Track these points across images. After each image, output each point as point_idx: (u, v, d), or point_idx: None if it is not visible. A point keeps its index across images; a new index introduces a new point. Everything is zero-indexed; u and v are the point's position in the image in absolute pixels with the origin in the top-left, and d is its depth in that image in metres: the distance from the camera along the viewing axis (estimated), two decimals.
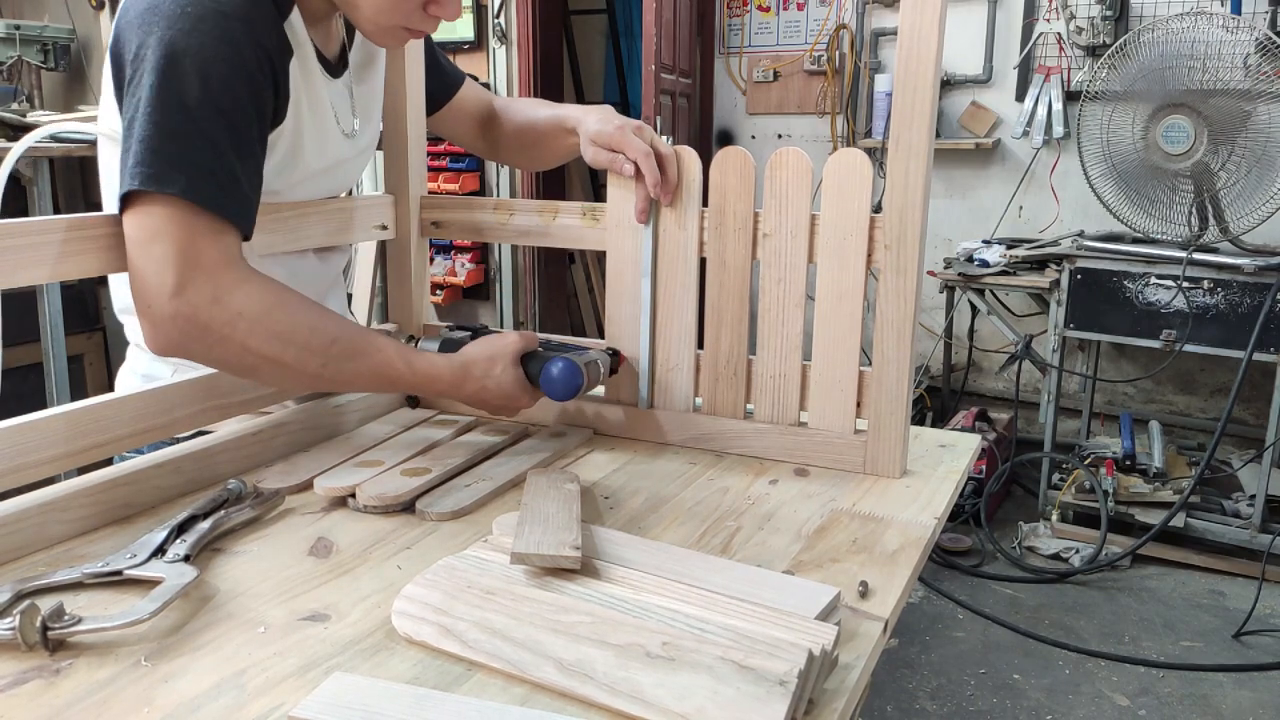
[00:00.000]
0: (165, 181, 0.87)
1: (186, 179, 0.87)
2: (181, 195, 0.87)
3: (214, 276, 0.89)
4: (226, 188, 0.90)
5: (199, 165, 0.88)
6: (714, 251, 1.11)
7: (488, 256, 4.75)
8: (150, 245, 0.88)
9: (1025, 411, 3.77)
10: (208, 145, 0.89)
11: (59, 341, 2.81)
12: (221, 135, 0.90)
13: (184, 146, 0.88)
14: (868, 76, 4.07)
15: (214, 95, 0.89)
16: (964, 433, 1.24)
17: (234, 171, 0.91)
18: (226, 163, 0.91)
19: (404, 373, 0.99)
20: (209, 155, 0.89)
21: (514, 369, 1.03)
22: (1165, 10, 3.43)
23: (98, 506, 0.90)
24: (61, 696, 0.64)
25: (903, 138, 0.98)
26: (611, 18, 5.54)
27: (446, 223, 1.28)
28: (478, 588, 0.74)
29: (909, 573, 0.84)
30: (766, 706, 0.59)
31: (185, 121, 0.88)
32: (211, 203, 0.89)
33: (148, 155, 0.87)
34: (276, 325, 0.91)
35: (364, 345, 0.97)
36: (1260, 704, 2.39)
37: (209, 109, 0.89)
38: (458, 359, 1.02)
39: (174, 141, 0.88)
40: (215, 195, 0.89)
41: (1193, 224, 2.95)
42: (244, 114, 0.93)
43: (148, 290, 0.88)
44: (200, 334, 0.89)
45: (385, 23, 1.01)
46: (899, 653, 2.62)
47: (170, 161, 0.87)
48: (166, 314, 0.88)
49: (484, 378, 1.02)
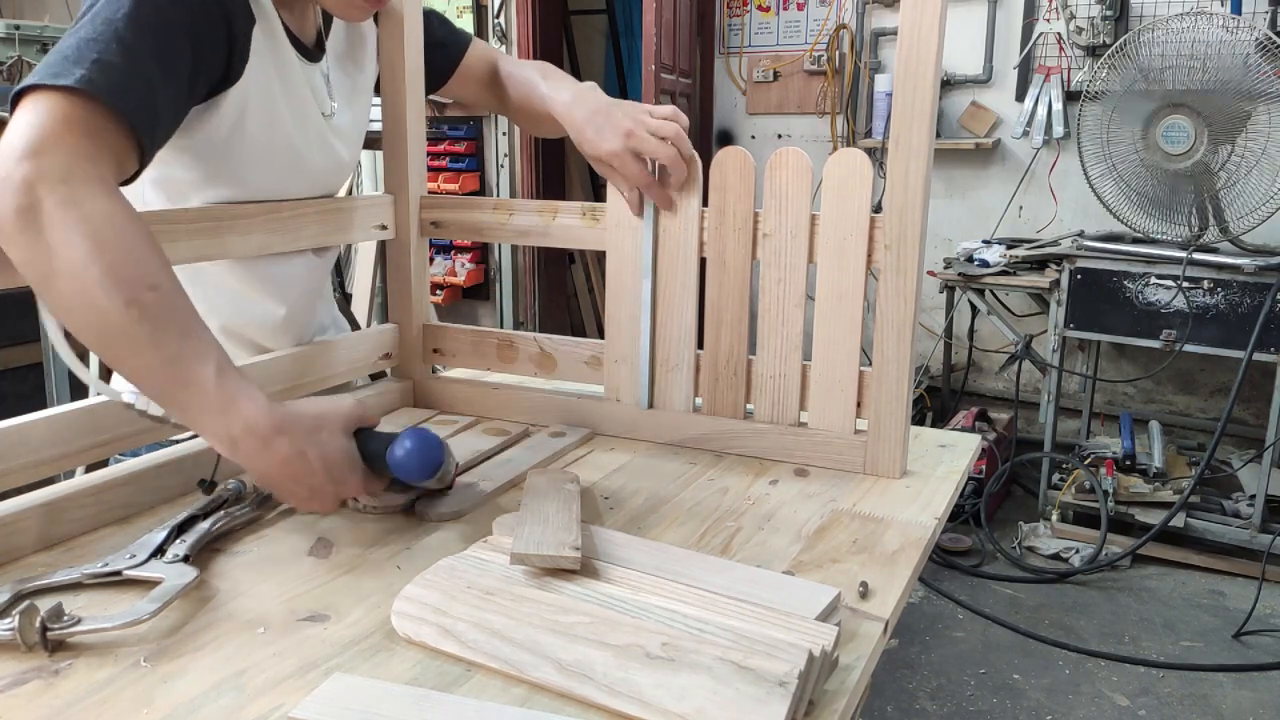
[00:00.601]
0: (63, 75, 0.78)
1: (86, 71, 0.79)
2: (77, 85, 0.78)
3: (76, 159, 0.77)
4: (130, 87, 0.82)
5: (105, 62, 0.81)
6: (714, 251, 1.11)
7: (488, 256, 4.76)
8: (28, 114, 0.77)
9: (1025, 411, 3.77)
10: (122, 49, 0.82)
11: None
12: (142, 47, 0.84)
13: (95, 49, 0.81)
14: (868, 76, 4.07)
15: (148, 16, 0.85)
16: (964, 433, 1.24)
17: (146, 80, 0.84)
18: (138, 66, 0.83)
19: (206, 382, 0.78)
20: (119, 56, 0.82)
21: (344, 439, 0.83)
22: (1165, 10, 3.43)
23: (98, 506, 0.90)
24: (61, 697, 0.64)
25: (903, 138, 0.98)
26: (611, 18, 5.54)
27: (446, 223, 1.28)
28: (477, 588, 0.74)
29: (909, 573, 0.84)
30: (766, 707, 0.59)
31: (105, 28, 0.83)
32: (109, 94, 0.79)
33: (55, 59, 0.80)
34: (106, 235, 0.76)
35: (185, 319, 0.79)
36: (1260, 704, 2.39)
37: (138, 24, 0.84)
38: (280, 406, 0.80)
39: (87, 47, 0.81)
40: (108, 87, 0.80)
41: (1193, 224, 2.95)
42: (175, 41, 0.88)
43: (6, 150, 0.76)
44: (25, 210, 0.74)
45: None
46: (899, 653, 2.62)
47: (77, 62, 0.80)
48: (14, 179, 0.74)
49: (305, 439, 0.79)
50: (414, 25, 1.22)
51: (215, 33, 0.95)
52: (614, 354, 1.19)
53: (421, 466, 0.84)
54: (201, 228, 1.00)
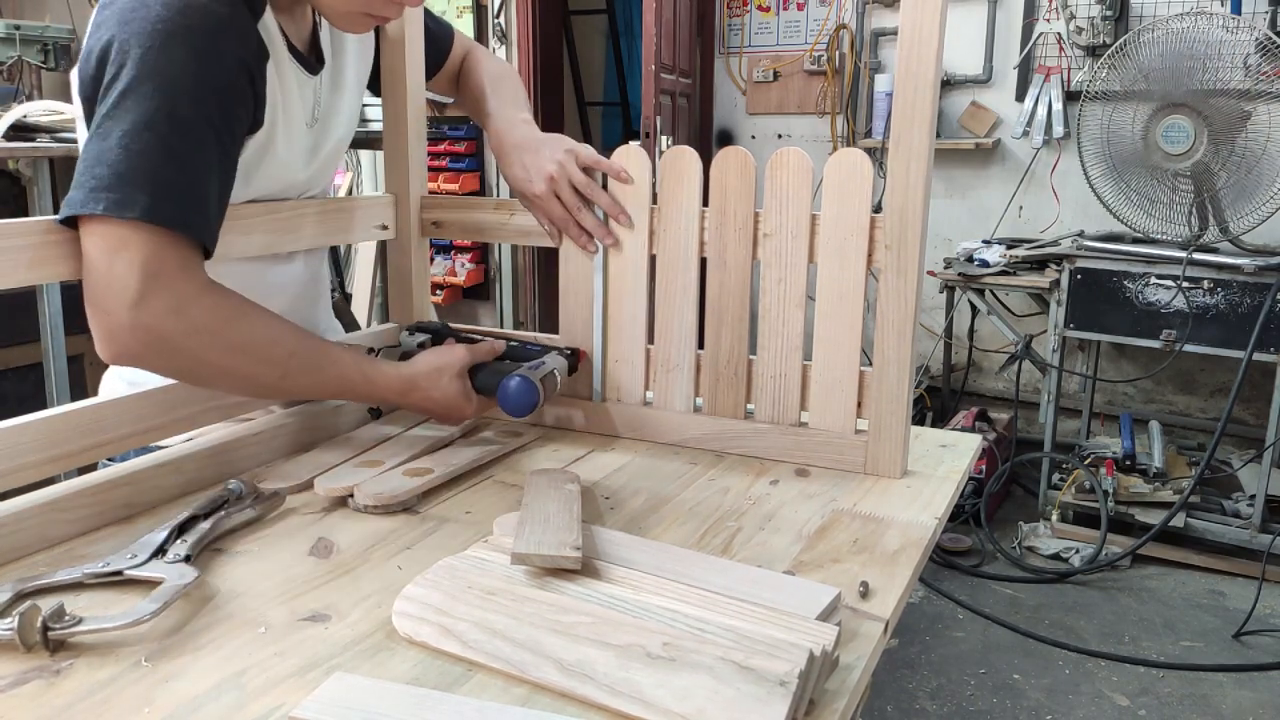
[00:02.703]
0: (127, 205, 0.85)
1: (149, 199, 0.86)
2: (142, 218, 0.86)
3: (174, 288, 0.88)
4: (190, 205, 0.89)
5: (163, 184, 0.87)
6: (714, 251, 1.11)
7: (488, 256, 4.75)
8: (112, 257, 0.86)
9: (1025, 411, 3.77)
10: (173, 163, 0.88)
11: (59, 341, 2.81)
12: (190, 152, 0.89)
13: (149, 165, 0.86)
14: (868, 76, 4.07)
15: (185, 114, 0.88)
16: (964, 433, 1.24)
17: (200, 189, 0.90)
18: (192, 179, 0.89)
19: (359, 383, 1.03)
20: (174, 173, 0.88)
21: (458, 381, 1.07)
22: (1165, 10, 3.43)
23: (98, 506, 0.90)
24: (62, 697, 0.64)
25: (903, 138, 0.98)
26: (611, 18, 5.54)
27: (446, 223, 1.28)
28: (478, 588, 0.74)
29: (909, 573, 0.84)
30: (767, 707, 0.59)
31: (153, 140, 0.87)
32: (175, 221, 0.88)
33: (112, 179, 0.85)
34: (236, 337, 0.92)
35: (321, 358, 0.99)
36: (1260, 704, 2.39)
37: (179, 127, 0.88)
38: (406, 370, 1.05)
39: (140, 160, 0.86)
40: (178, 214, 0.88)
41: (1193, 224, 2.95)
42: (215, 131, 0.91)
43: (107, 299, 0.87)
44: (159, 345, 0.89)
45: (346, 8, 1.01)
46: (899, 653, 2.62)
47: (133, 183, 0.85)
48: (124, 324, 0.87)
49: (430, 389, 1.05)
50: (415, 24, 1.22)
51: (244, 101, 0.96)
52: (614, 354, 1.19)
53: (520, 408, 1.06)
54: None
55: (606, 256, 1.16)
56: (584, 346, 1.20)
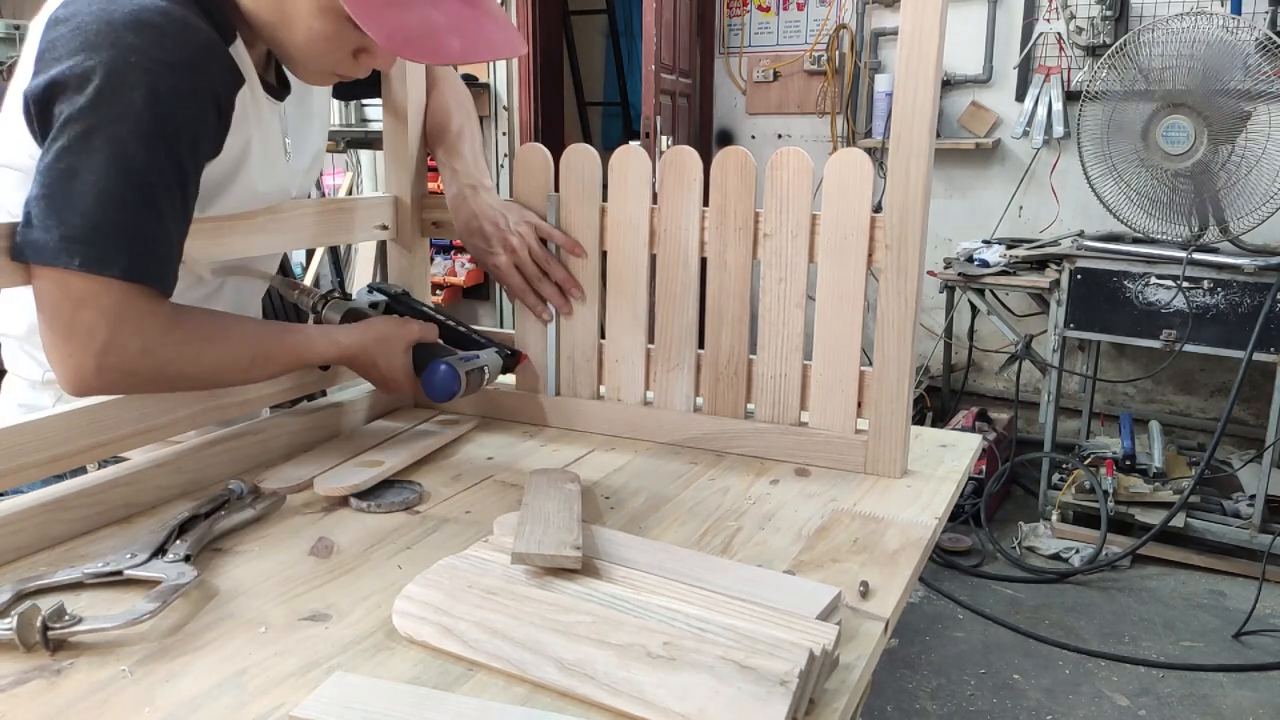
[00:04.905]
0: (106, 264, 0.84)
1: (128, 257, 0.84)
2: (121, 278, 0.84)
3: (143, 332, 0.88)
4: (163, 256, 0.88)
5: (140, 240, 0.85)
6: (715, 251, 1.11)
7: None
8: (78, 306, 0.84)
9: (1025, 411, 3.77)
10: (148, 214, 0.86)
11: None
12: (161, 200, 0.87)
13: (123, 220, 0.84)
14: (868, 76, 4.07)
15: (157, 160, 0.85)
16: (964, 433, 1.24)
17: (170, 238, 0.89)
18: (165, 229, 0.88)
19: (314, 360, 1.07)
20: (149, 225, 0.86)
21: (403, 356, 1.10)
22: (1165, 10, 3.43)
23: (98, 506, 0.90)
24: (62, 696, 0.64)
25: (903, 138, 0.98)
26: (611, 18, 5.54)
27: (446, 223, 1.28)
28: (479, 588, 0.74)
29: (909, 573, 0.84)
30: (767, 706, 0.59)
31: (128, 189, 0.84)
32: (150, 276, 0.87)
33: (87, 232, 0.82)
34: (204, 360, 0.95)
35: (276, 347, 1.02)
36: (1260, 704, 2.39)
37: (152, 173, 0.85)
38: (358, 336, 1.08)
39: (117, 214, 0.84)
40: (153, 268, 0.87)
41: (1193, 224, 2.95)
42: (183, 173, 0.89)
43: (70, 344, 0.85)
44: (126, 382, 0.90)
45: (314, 66, 1.00)
46: (899, 653, 2.62)
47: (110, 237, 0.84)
48: (91, 368, 0.86)
49: (377, 356, 1.09)
50: None
51: (210, 136, 0.94)
52: (614, 354, 1.19)
53: (439, 395, 1.09)
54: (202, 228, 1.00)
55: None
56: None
